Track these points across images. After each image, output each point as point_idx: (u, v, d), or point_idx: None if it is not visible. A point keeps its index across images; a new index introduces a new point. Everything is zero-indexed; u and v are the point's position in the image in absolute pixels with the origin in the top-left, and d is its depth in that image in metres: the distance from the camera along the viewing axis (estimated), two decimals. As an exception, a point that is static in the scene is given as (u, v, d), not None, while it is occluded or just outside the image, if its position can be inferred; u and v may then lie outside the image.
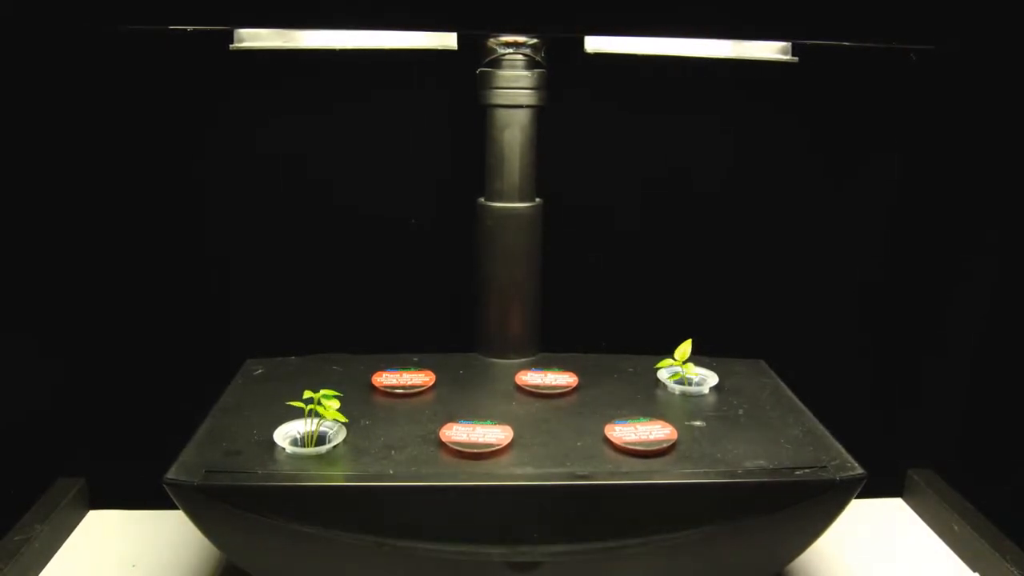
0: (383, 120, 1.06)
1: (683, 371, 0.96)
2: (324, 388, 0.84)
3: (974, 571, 1.00)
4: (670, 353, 0.97)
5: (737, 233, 1.12)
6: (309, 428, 0.84)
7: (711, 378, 0.97)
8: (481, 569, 0.79)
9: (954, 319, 1.16)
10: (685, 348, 0.96)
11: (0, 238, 1.03)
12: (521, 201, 0.99)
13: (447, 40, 0.96)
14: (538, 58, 0.96)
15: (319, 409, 0.82)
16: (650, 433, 0.84)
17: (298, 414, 0.85)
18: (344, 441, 0.83)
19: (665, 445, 0.82)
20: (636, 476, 0.78)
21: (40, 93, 1.00)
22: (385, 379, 0.95)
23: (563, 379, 0.96)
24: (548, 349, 1.05)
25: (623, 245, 1.12)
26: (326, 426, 0.84)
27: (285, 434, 0.83)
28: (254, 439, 0.83)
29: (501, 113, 0.97)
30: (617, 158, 1.10)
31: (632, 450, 0.81)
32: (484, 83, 0.97)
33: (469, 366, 1.01)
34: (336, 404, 0.83)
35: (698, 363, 0.99)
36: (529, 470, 0.78)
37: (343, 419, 0.84)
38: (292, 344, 1.04)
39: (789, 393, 0.97)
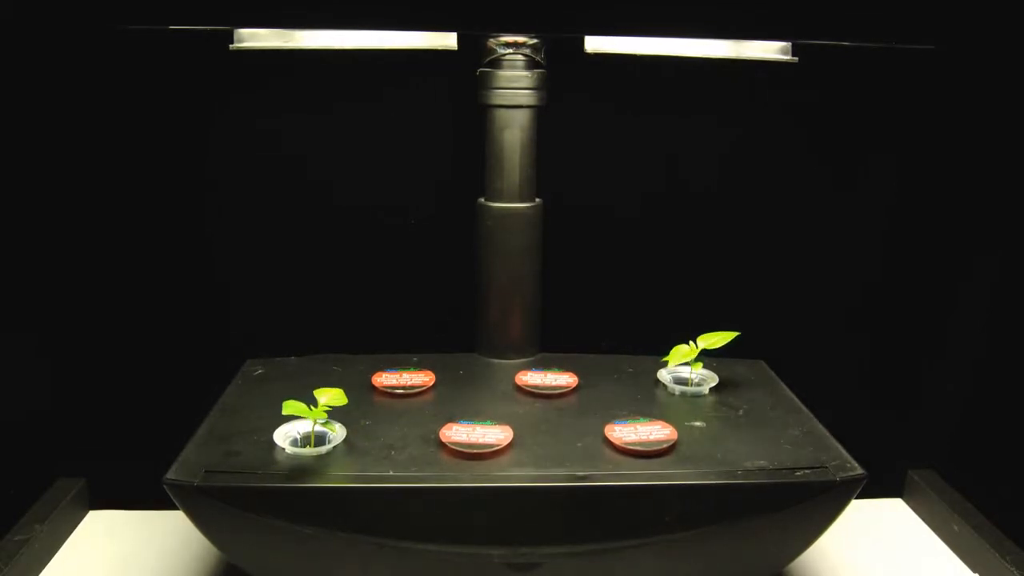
0: (383, 120, 1.06)
1: (690, 368, 0.96)
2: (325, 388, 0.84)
3: (974, 571, 1.00)
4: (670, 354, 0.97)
5: (737, 233, 1.12)
6: (309, 428, 0.84)
7: (711, 378, 0.97)
8: (481, 570, 0.79)
9: (954, 319, 1.16)
10: (714, 338, 0.95)
11: (0, 238, 1.03)
12: (521, 201, 0.99)
13: (447, 40, 0.96)
14: (538, 58, 0.96)
15: (312, 411, 0.81)
16: (650, 433, 0.84)
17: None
18: (344, 441, 0.83)
19: (665, 445, 0.82)
20: (636, 477, 0.78)
21: (40, 93, 1.00)
22: (385, 379, 0.95)
23: (563, 379, 0.96)
24: (548, 349, 1.05)
25: (623, 245, 1.12)
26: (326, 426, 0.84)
27: (285, 434, 0.83)
28: (254, 439, 0.83)
29: (501, 113, 0.97)
30: (617, 158, 1.10)
31: (632, 450, 0.81)
32: (484, 83, 0.97)
33: (469, 366, 1.01)
34: (343, 400, 0.83)
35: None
36: (529, 471, 0.78)
37: (335, 425, 0.84)
38: (292, 344, 1.04)
39: (789, 393, 0.97)
